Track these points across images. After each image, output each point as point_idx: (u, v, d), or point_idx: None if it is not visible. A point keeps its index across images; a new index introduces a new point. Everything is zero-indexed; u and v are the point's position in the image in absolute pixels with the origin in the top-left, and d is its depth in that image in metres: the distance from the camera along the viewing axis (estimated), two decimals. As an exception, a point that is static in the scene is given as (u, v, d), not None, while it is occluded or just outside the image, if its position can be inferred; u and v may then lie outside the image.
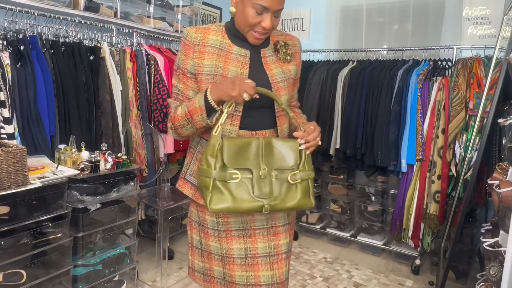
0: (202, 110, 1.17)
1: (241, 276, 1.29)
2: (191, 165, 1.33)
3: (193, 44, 1.27)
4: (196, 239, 1.36)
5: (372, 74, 2.77)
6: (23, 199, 1.64)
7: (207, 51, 1.27)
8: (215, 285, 1.35)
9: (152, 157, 2.64)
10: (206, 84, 1.24)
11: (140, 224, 2.76)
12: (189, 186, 1.33)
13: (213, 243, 1.31)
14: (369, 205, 3.06)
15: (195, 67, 1.26)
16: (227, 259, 1.29)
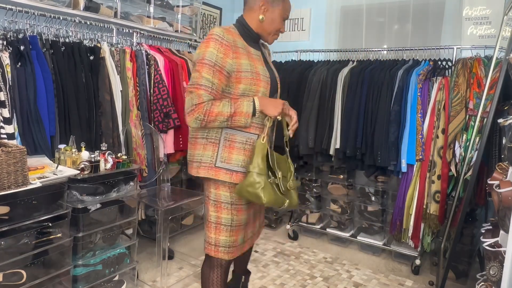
0: (248, 116, 1.45)
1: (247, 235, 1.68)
2: (221, 153, 1.51)
3: (231, 45, 1.45)
4: (227, 217, 1.57)
5: (372, 74, 2.77)
6: (23, 199, 1.64)
7: (239, 51, 1.48)
8: (236, 252, 1.63)
9: (152, 157, 2.64)
10: (244, 80, 1.47)
11: (140, 224, 2.76)
12: (224, 171, 1.52)
13: (243, 216, 1.61)
14: (369, 205, 3.06)
15: (234, 66, 1.45)
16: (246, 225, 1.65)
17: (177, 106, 2.72)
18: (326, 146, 2.93)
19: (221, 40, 1.44)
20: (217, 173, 1.52)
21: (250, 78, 1.48)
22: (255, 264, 2.75)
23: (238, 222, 1.60)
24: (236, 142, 1.51)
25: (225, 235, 1.58)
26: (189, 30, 3.36)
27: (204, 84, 1.42)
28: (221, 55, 1.42)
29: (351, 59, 3.15)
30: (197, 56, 1.47)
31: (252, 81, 1.50)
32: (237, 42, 1.50)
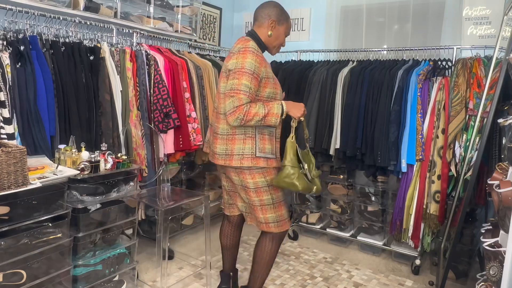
0: (278, 116, 1.77)
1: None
2: (258, 145, 1.84)
3: (262, 57, 1.82)
4: (268, 198, 1.90)
5: (372, 74, 2.77)
6: (23, 199, 1.64)
7: (264, 62, 1.82)
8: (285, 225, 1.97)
9: (152, 157, 2.64)
10: (269, 85, 1.83)
11: (140, 224, 2.76)
12: (262, 160, 1.85)
13: (280, 193, 1.94)
14: (369, 205, 3.06)
15: (265, 73, 1.80)
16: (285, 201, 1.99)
17: (177, 106, 2.72)
18: (326, 146, 2.93)
19: (257, 52, 1.78)
20: (258, 162, 1.83)
21: (273, 83, 1.85)
22: (255, 264, 2.75)
23: (278, 199, 1.93)
24: (266, 135, 1.87)
25: (271, 213, 1.91)
26: (189, 30, 3.36)
27: (243, 90, 1.72)
28: (258, 64, 1.76)
29: (351, 59, 3.15)
30: (235, 66, 1.76)
31: (274, 85, 1.87)
32: (260, 53, 1.84)
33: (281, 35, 1.93)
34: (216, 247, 2.99)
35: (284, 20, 1.92)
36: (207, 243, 2.47)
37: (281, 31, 1.91)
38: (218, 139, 1.90)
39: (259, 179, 1.87)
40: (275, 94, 1.88)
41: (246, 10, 4.19)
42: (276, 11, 1.90)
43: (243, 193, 1.94)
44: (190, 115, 2.83)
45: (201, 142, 2.89)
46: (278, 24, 1.90)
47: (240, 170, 1.85)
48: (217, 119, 1.94)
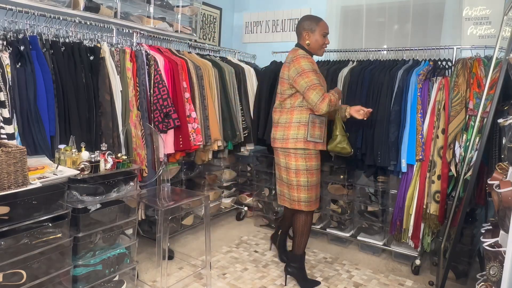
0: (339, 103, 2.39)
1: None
2: (310, 131, 2.25)
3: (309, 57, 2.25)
4: (304, 180, 2.27)
5: (372, 74, 2.77)
6: (23, 199, 1.64)
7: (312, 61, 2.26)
8: (313, 206, 2.33)
9: (152, 157, 2.64)
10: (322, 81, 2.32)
11: (140, 224, 2.76)
12: (312, 144, 2.27)
13: (314, 178, 2.30)
14: (369, 205, 3.06)
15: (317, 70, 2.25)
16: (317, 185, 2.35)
17: (177, 106, 2.72)
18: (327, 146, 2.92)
19: (306, 56, 2.21)
20: (308, 145, 2.25)
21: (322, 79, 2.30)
22: (255, 264, 2.76)
23: (312, 183, 2.29)
24: (317, 123, 2.28)
25: (304, 193, 2.28)
26: (189, 30, 3.36)
27: (317, 83, 2.15)
28: (311, 64, 2.19)
29: (351, 59, 3.15)
30: (295, 71, 2.19)
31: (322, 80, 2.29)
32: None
33: (319, 38, 2.27)
34: (216, 247, 3.00)
35: (315, 26, 2.26)
36: (207, 243, 2.47)
37: (317, 36, 2.27)
38: (278, 127, 2.34)
39: (301, 163, 2.26)
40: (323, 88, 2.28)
41: (246, 10, 4.19)
42: (306, 23, 2.28)
43: (284, 174, 2.33)
44: (190, 115, 2.83)
45: (201, 142, 2.89)
46: (311, 32, 2.26)
47: (288, 152, 2.28)
48: (279, 113, 2.36)
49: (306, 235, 2.42)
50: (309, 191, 2.30)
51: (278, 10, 3.96)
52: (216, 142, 3.10)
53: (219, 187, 3.63)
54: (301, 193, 2.29)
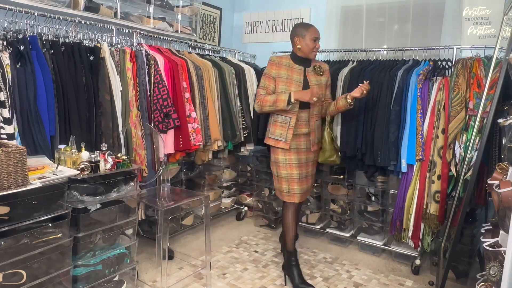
0: (284, 102, 2.29)
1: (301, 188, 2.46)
2: (271, 129, 2.48)
3: (275, 64, 2.44)
4: (285, 172, 2.44)
5: (372, 74, 2.77)
6: (23, 199, 1.64)
7: (282, 67, 2.43)
8: (294, 197, 2.44)
9: (152, 157, 2.64)
10: (282, 83, 2.40)
11: (140, 224, 2.76)
12: (272, 141, 2.46)
13: (295, 171, 2.43)
14: (369, 205, 3.06)
15: (276, 74, 2.41)
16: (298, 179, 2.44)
17: (177, 106, 2.72)
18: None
19: (271, 62, 2.46)
20: (268, 141, 2.49)
21: (285, 82, 2.40)
22: (255, 264, 2.76)
23: (279, 175, 2.46)
24: (278, 122, 2.44)
25: (285, 184, 2.44)
26: (189, 30, 3.36)
27: (262, 86, 2.45)
28: (269, 68, 2.45)
29: (351, 59, 3.15)
30: None
31: (286, 83, 2.40)
32: (284, 62, 2.44)
33: (308, 43, 2.39)
34: (216, 247, 3.00)
35: (305, 31, 2.39)
36: (207, 243, 2.47)
37: (307, 41, 2.39)
38: None
39: (272, 156, 2.52)
40: (287, 90, 2.39)
41: (246, 10, 4.19)
42: (296, 29, 2.44)
43: None
44: (190, 115, 2.83)
45: (201, 142, 2.89)
46: (302, 37, 2.40)
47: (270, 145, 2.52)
48: None
49: (286, 230, 2.53)
50: (277, 182, 2.49)
51: (278, 10, 3.96)
52: (216, 142, 3.10)
53: (219, 187, 3.64)
54: (282, 184, 2.46)
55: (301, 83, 2.42)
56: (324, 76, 2.52)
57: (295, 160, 2.42)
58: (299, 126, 2.42)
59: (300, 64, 2.45)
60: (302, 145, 2.44)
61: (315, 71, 2.49)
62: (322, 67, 2.54)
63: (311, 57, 2.45)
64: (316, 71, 2.49)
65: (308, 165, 2.50)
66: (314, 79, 2.47)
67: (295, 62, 2.45)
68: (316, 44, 2.42)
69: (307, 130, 2.45)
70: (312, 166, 2.55)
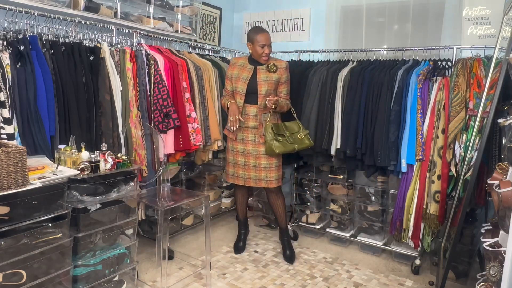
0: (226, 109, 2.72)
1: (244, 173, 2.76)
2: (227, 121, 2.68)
3: (232, 64, 2.73)
4: (231, 158, 2.77)
5: (372, 74, 2.77)
6: (23, 199, 1.64)
7: (236, 67, 2.70)
8: (238, 180, 2.77)
9: (152, 157, 2.64)
10: (233, 82, 2.68)
11: (140, 224, 2.76)
12: (226, 130, 2.75)
13: (240, 159, 2.73)
14: (369, 205, 3.06)
15: (231, 75, 2.70)
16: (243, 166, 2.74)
17: (177, 106, 2.72)
18: (327, 146, 2.93)
19: (230, 63, 2.77)
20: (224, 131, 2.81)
21: (235, 81, 2.67)
22: (255, 264, 2.76)
23: (227, 160, 2.81)
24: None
25: (231, 168, 2.79)
26: (189, 30, 3.36)
27: (225, 87, 2.78)
28: (228, 70, 2.75)
29: (351, 59, 3.15)
30: None
31: (235, 82, 2.66)
32: (239, 62, 2.71)
33: (257, 49, 2.58)
34: (216, 247, 3.00)
35: (253, 37, 2.57)
36: (207, 243, 2.47)
37: (256, 47, 2.58)
38: None
39: (229, 144, 2.79)
40: (236, 87, 2.66)
41: (246, 10, 4.19)
42: (248, 35, 2.63)
43: None
44: (190, 115, 2.83)
45: (201, 142, 2.89)
46: (252, 43, 2.60)
47: None
48: None
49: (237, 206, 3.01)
50: (227, 166, 2.83)
51: (278, 10, 3.96)
52: (216, 142, 3.10)
53: (219, 187, 3.64)
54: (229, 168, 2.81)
55: (247, 81, 2.62)
56: (277, 73, 2.64)
57: (240, 149, 2.70)
58: (246, 119, 2.63)
59: (252, 64, 2.67)
60: (249, 137, 2.66)
61: (268, 68, 2.64)
62: (276, 65, 2.66)
63: (261, 61, 2.63)
64: (268, 68, 2.64)
65: (258, 157, 2.67)
66: (264, 75, 2.62)
67: (249, 62, 2.68)
68: (264, 50, 2.57)
69: (254, 123, 2.63)
70: (266, 159, 2.66)
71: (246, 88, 2.63)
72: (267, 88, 2.61)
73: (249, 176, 2.72)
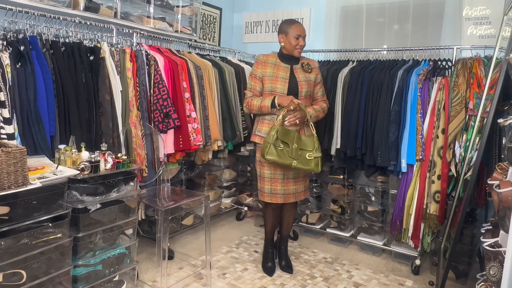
0: (268, 108, 2.37)
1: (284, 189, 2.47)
2: (258, 127, 2.48)
3: (261, 62, 2.46)
4: (268, 172, 2.44)
5: (372, 74, 2.77)
6: (23, 199, 1.64)
7: (267, 65, 2.45)
8: (277, 197, 2.45)
9: (152, 157, 2.64)
10: (268, 81, 2.42)
11: (140, 224, 2.76)
12: (259, 137, 2.46)
13: (279, 171, 2.43)
14: (369, 205, 3.06)
15: (261, 73, 2.44)
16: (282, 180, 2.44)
17: (177, 106, 2.72)
18: (327, 146, 2.93)
19: (257, 61, 2.48)
20: (255, 138, 2.50)
21: (270, 80, 2.42)
22: (255, 264, 2.76)
23: (262, 175, 2.47)
24: (266, 120, 2.45)
25: (268, 185, 2.46)
26: (189, 30, 3.36)
27: (249, 88, 2.49)
28: (255, 68, 2.47)
29: (351, 59, 3.15)
30: None
31: (271, 81, 2.42)
32: (270, 60, 2.47)
33: (291, 40, 2.39)
34: (216, 247, 3.00)
35: (288, 29, 2.39)
36: (207, 243, 2.47)
37: (290, 37, 2.39)
38: None
39: (257, 154, 2.50)
40: (274, 88, 2.41)
41: (246, 10, 4.19)
42: (280, 27, 2.46)
43: None
44: (190, 115, 2.83)
45: (201, 142, 2.88)
46: (285, 35, 2.41)
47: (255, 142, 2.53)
48: None
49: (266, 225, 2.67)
50: (260, 181, 2.50)
51: (278, 10, 3.96)
52: (216, 142, 3.10)
53: (219, 187, 3.63)
54: (265, 184, 2.47)
55: (287, 80, 2.41)
56: (313, 73, 2.50)
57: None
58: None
59: (286, 62, 2.45)
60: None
61: (303, 68, 2.48)
62: (310, 64, 2.52)
63: (295, 54, 2.43)
64: (304, 68, 2.48)
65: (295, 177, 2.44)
66: (303, 75, 2.45)
67: (281, 60, 2.46)
68: (299, 41, 2.39)
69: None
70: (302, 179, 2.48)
71: (287, 88, 2.40)
72: (307, 88, 2.43)
73: (289, 190, 2.45)
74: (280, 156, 2.26)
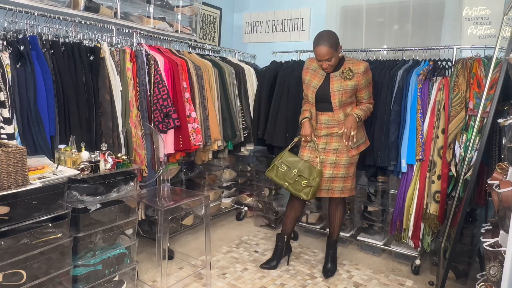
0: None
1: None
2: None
3: (305, 68, 2.54)
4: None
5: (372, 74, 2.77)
6: (23, 199, 1.64)
7: (309, 71, 2.51)
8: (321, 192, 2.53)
9: (152, 157, 2.64)
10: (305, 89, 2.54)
11: (140, 224, 2.76)
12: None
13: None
14: (369, 205, 3.06)
15: (303, 80, 2.54)
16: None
17: (177, 106, 2.72)
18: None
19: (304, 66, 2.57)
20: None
21: (306, 87, 2.51)
22: (255, 264, 2.76)
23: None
24: None
25: None
26: (189, 30, 3.36)
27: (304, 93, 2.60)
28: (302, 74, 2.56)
29: (351, 59, 3.14)
30: None
31: (306, 88, 2.51)
32: (312, 66, 2.50)
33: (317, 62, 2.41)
34: (216, 247, 3.00)
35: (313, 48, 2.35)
36: (207, 243, 2.47)
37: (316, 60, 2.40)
38: None
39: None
40: (306, 95, 2.54)
41: (246, 10, 4.19)
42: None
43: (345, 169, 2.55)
44: (190, 115, 2.83)
45: (201, 142, 2.88)
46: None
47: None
48: None
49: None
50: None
51: (278, 10, 3.96)
52: (216, 142, 3.10)
53: (219, 187, 3.63)
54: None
55: (316, 89, 2.43)
56: (354, 79, 2.37)
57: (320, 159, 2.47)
58: (318, 128, 2.49)
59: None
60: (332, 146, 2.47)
61: (343, 75, 2.38)
62: (353, 70, 2.38)
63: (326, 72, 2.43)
64: (344, 75, 2.38)
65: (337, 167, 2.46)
66: (338, 84, 2.38)
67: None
68: (322, 65, 2.36)
69: (326, 132, 2.46)
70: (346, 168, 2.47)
71: (314, 97, 2.44)
72: (341, 98, 2.37)
73: (321, 186, 2.48)
74: (278, 177, 2.51)
